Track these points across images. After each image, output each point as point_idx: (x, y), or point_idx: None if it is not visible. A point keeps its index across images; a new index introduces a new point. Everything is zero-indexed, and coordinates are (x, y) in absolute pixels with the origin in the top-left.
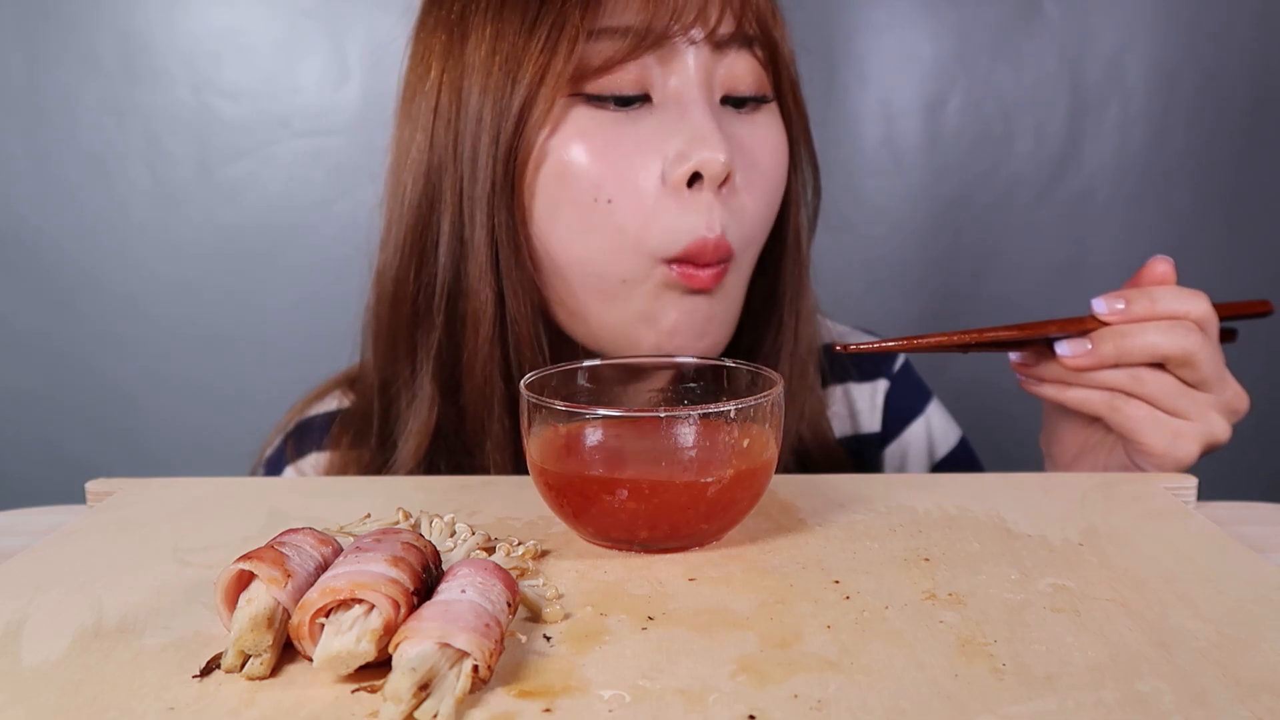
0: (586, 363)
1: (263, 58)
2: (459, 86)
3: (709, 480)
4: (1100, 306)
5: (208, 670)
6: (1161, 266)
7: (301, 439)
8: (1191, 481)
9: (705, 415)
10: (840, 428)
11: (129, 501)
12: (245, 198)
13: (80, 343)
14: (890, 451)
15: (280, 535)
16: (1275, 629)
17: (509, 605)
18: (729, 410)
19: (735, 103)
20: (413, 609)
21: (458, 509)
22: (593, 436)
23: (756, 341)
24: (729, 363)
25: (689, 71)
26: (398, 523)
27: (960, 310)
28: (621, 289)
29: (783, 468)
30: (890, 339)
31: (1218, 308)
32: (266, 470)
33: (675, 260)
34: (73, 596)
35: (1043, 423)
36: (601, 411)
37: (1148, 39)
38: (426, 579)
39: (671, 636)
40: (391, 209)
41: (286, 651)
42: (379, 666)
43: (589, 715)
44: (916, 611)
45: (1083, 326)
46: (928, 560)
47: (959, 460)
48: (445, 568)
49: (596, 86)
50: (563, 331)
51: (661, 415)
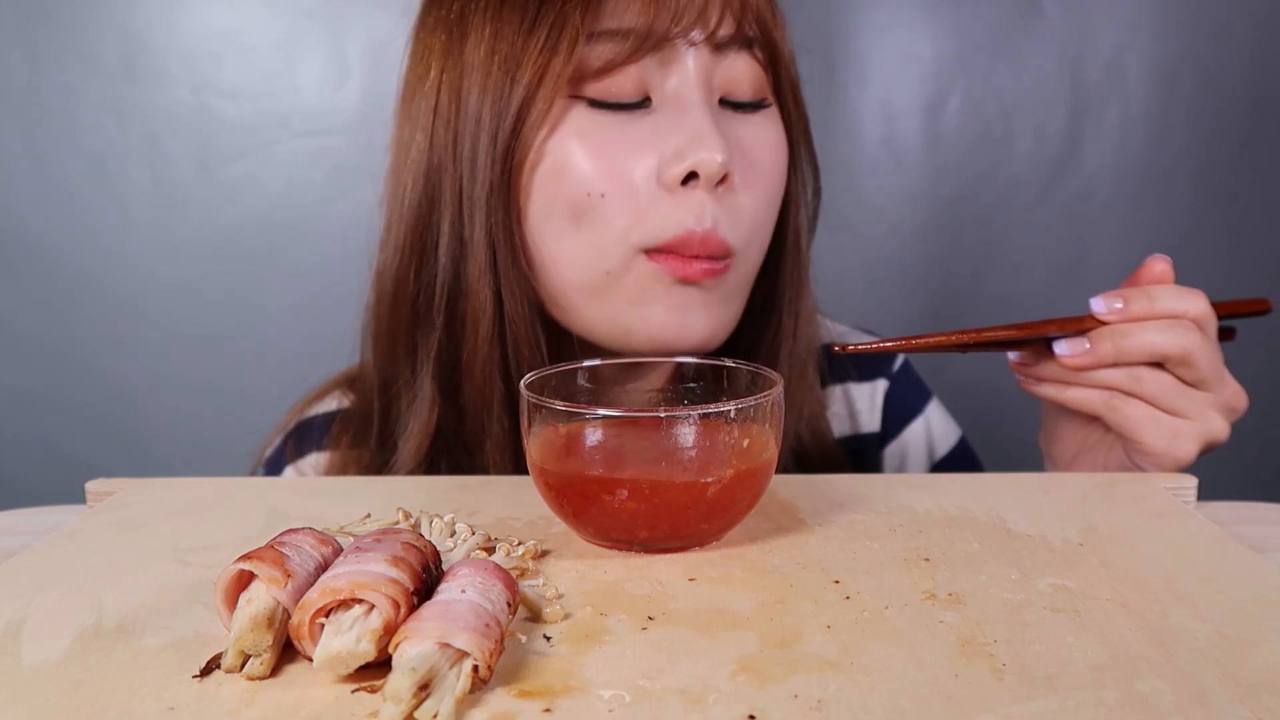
0: (586, 363)
1: (263, 58)
2: (458, 86)
3: (709, 480)
4: (1098, 306)
5: (208, 670)
6: (1159, 265)
7: (301, 439)
8: (1191, 481)
9: (705, 415)
10: (840, 427)
11: (129, 501)
12: (245, 198)
13: (80, 343)
14: (890, 451)
15: (280, 535)
16: (1275, 629)
17: (509, 605)
18: (729, 410)
19: (734, 104)
20: (413, 609)
21: (458, 509)
22: (593, 436)
23: (755, 341)
24: (729, 363)
25: (688, 73)
26: (398, 523)
27: (960, 310)
28: (605, 281)
29: (782, 468)
30: (888, 339)
31: (1216, 306)
32: (266, 470)
33: (657, 251)
34: (73, 596)
35: (1042, 422)
36: (601, 411)
37: (1148, 39)
38: (426, 579)
39: (671, 636)
40: (391, 209)
41: (286, 651)
42: (379, 666)
43: (589, 715)
44: (916, 611)
45: (1081, 326)
46: (928, 560)
47: (959, 460)
48: (445, 568)
49: (596, 90)
50: (562, 331)
51: (661, 415)
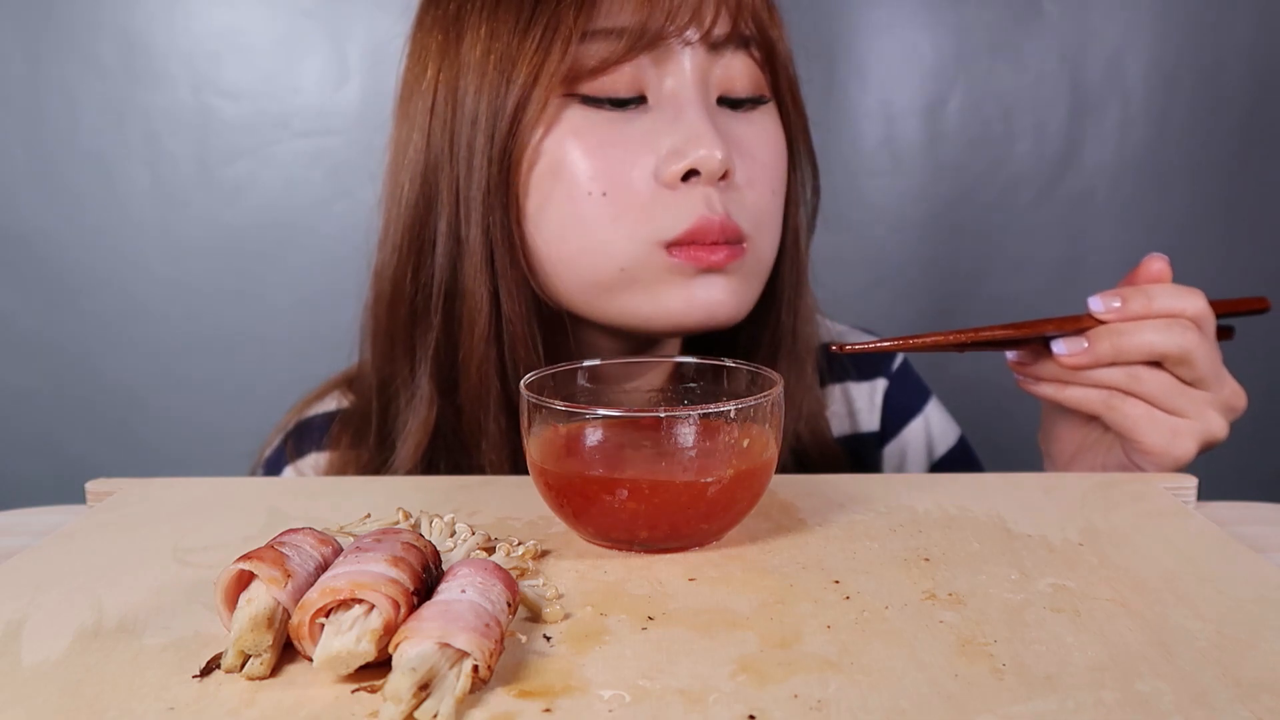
0: (586, 363)
1: (263, 58)
2: (455, 86)
3: (709, 480)
4: (1096, 305)
5: (208, 670)
6: (1157, 264)
7: (301, 439)
8: (1191, 481)
9: (705, 415)
10: (839, 427)
11: (129, 501)
12: (245, 198)
13: (80, 342)
14: (889, 450)
15: (280, 535)
16: (1275, 629)
17: (509, 605)
18: (729, 410)
19: (732, 103)
20: (413, 609)
21: (457, 509)
22: (593, 436)
23: (755, 341)
24: (729, 363)
25: (684, 73)
26: (398, 523)
27: (960, 310)
28: (620, 278)
29: (781, 467)
30: (886, 339)
31: (1215, 305)
32: (266, 470)
33: (676, 243)
34: (73, 596)
35: (1041, 421)
36: (601, 411)
37: (1148, 39)
38: (426, 579)
39: (671, 636)
40: (389, 209)
41: (286, 651)
42: (379, 666)
43: (589, 715)
44: (916, 611)
45: (1079, 325)
46: (928, 560)
47: (958, 459)
48: (445, 568)
49: (591, 88)
50: (559, 331)
51: (661, 415)
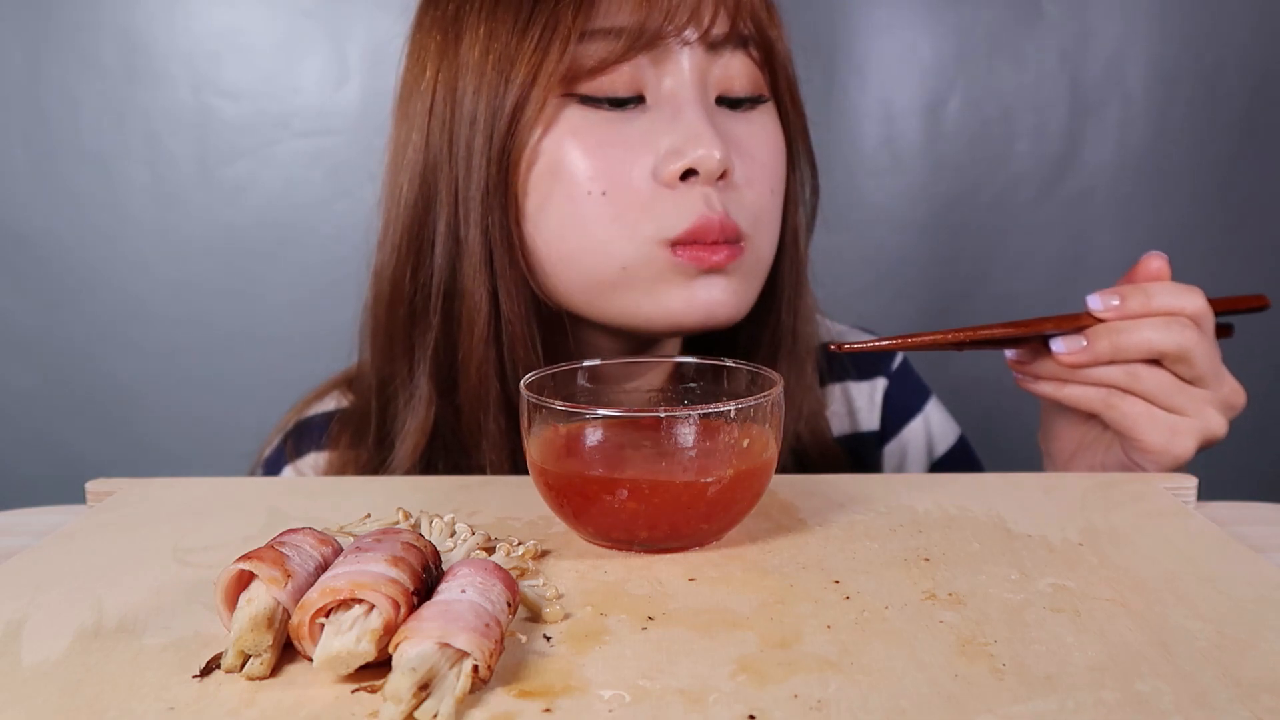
0: (586, 363)
1: (263, 58)
2: (454, 86)
3: (709, 480)
4: (1095, 303)
5: (208, 670)
6: (1156, 263)
7: (300, 439)
8: (1191, 481)
9: (705, 415)
10: (839, 426)
11: (129, 501)
12: (245, 197)
13: (80, 342)
14: (889, 450)
15: (280, 535)
16: (1275, 629)
17: (509, 605)
18: (729, 410)
19: (731, 103)
20: (413, 609)
21: (457, 509)
22: (593, 436)
23: (754, 341)
24: (729, 363)
25: (683, 72)
26: (398, 523)
27: (960, 310)
28: (621, 276)
29: (781, 467)
30: (884, 338)
31: (1214, 303)
32: (265, 470)
33: (679, 242)
34: (73, 596)
35: (1040, 420)
36: (601, 411)
37: (1148, 39)
38: (426, 579)
39: (671, 636)
40: (388, 209)
41: (286, 651)
42: (379, 666)
43: (589, 715)
44: (916, 611)
45: (1078, 323)
46: (928, 560)
47: (958, 458)
48: (445, 568)
49: (590, 88)
50: (558, 331)
51: (661, 415)
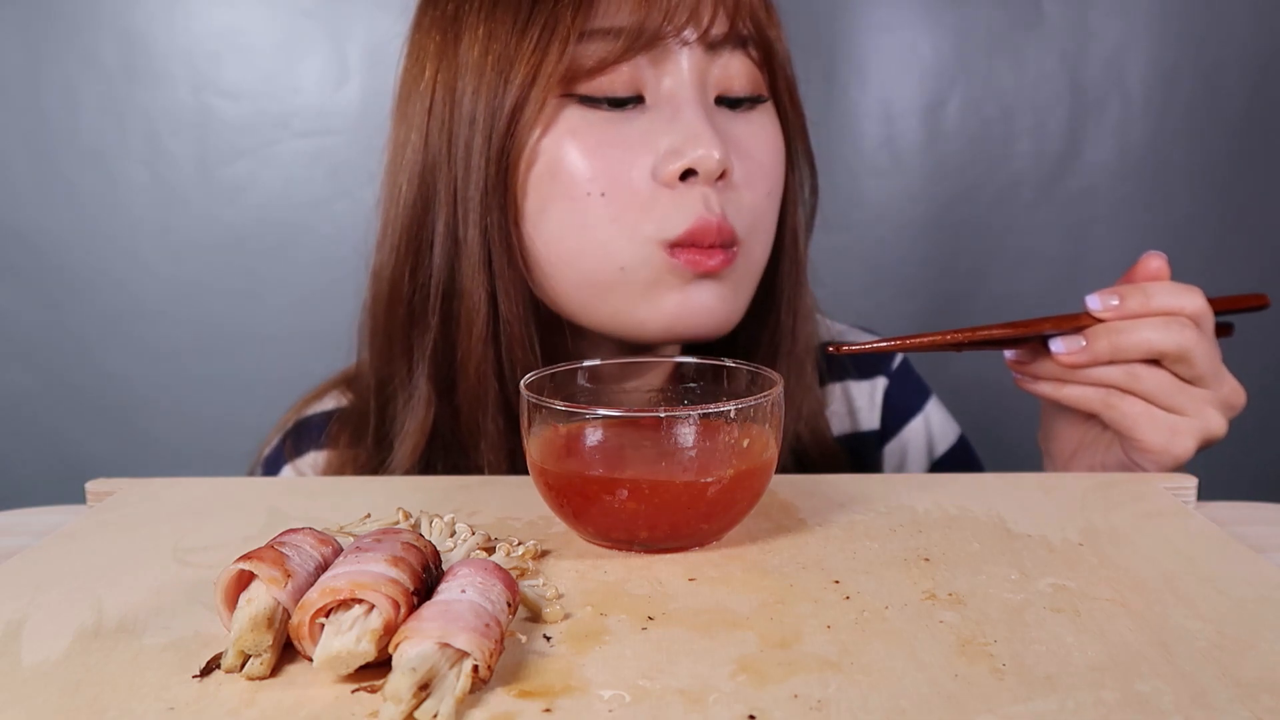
0: (586, 363)
1: (263, 58)
2: (453, 87)
3: (709, 480)
4: (1094, 303)
5: (208, 670)
6: (1155, 262)
7: (300, 438)
8: (1191, 481)
9: (705, 415)
10: (839, 426)
11: (129, 501)
12: (245, 197)
13: (81, 342)
14: (889, 449)
15: (280, 535)
16: (1275, 629)
17: (509, 605)
18: (729, 410)
19: (730, 103)
20: (413, 609)
21: (457, 509)
22: (593, 436)
23: (754, 341)
24: (729, 363)
25: (682, 73)
26: (398, 523)
27: (960, 309)
28: (619, 277)
29: (781, 467)
30: (883, 339)
31: (1213, 302)
32: (265, 470)
33: (678, 244)
34: (73, 596)
35: (1040, 420)
36: (601, 411)
37: (1148, 39)
38: (426, 579)
39: (671, 636)
40: (387, 209)
41: (286, 651)
42: (379, 666)
43: (589, 715)
44: (916, 611)
45: (1077, 323)
46: (928, 560)
47: (958, 458)
48: (445, 568)
49: (589, 88)
50: (557, 332)
51: (661, 415)
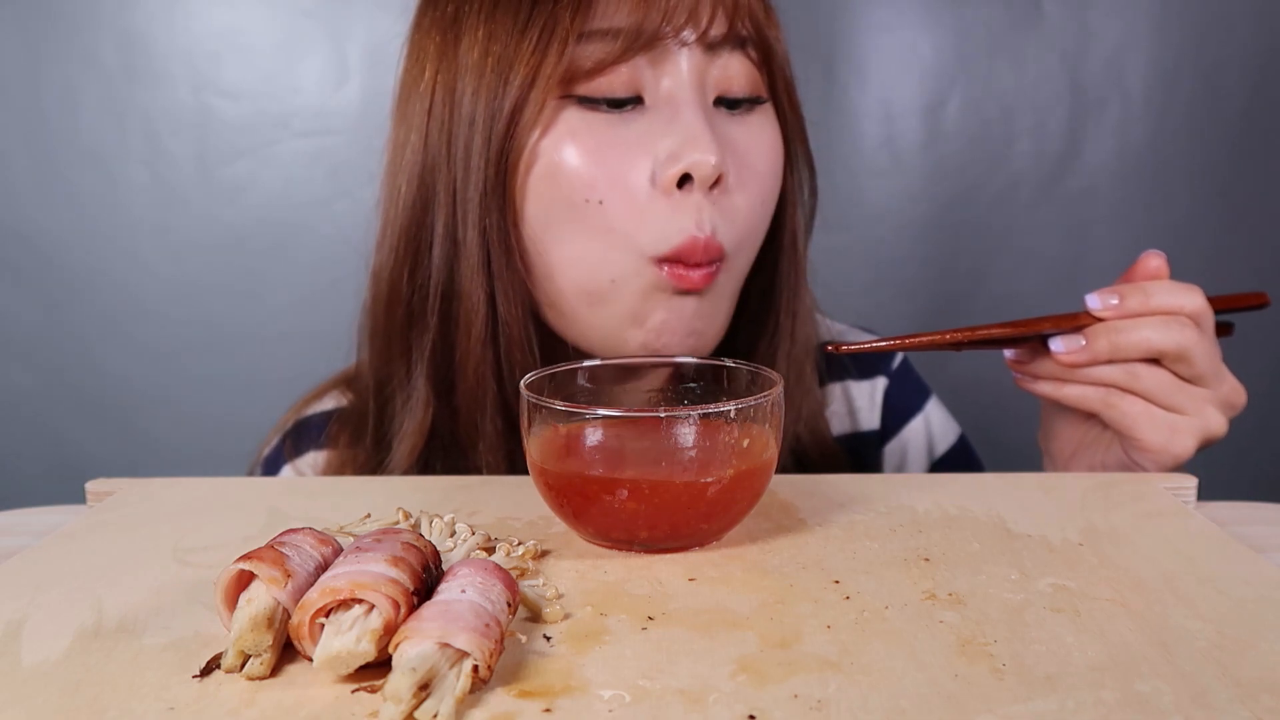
0: (586, 363)
1: (263, 58)
2: (452, 88)
3: (709, 480)
4: (1094, 302)
5: (208, 670)
6: (1154, 261)
7: (299, 438)
8: (1191, 481)
9: (705, 415)
10: (839, 425)
11: (129, 501)
12: (245, 197)
13: (80, 342)
14: (890, 449)
15: (280, 535)
16: (1275, 629)
17: (509, 605)
18: (729, 410)
19: (729, 104)
20: (413, 609)
21: (457, 509)
22: (593, 436)
23: (753, 342)
24: (729, 363)
25: (681, 73)
26: (398, 523)
27: (960, 309)
28: (610, 289)
29: (780, 468)
30: (882, 338)
31: (1213, 301)
32: (264, 469)
33: (666, 260)
34: (73, 596)
35: (1040, 420)
36: (601, 411)
37: (1148, 39)
38: (426, 579)
39: (671, 636)
40: (387, 210)
41: (286, 651)
42: (379, 666)
43: (589, 715)
44: (916, 611)
45: (1077, 323)
46: (928, 560)
47: (958, 457)
48: (445, 568)
49: (588, 89)
50: (554, 333)
51: (661, 415)
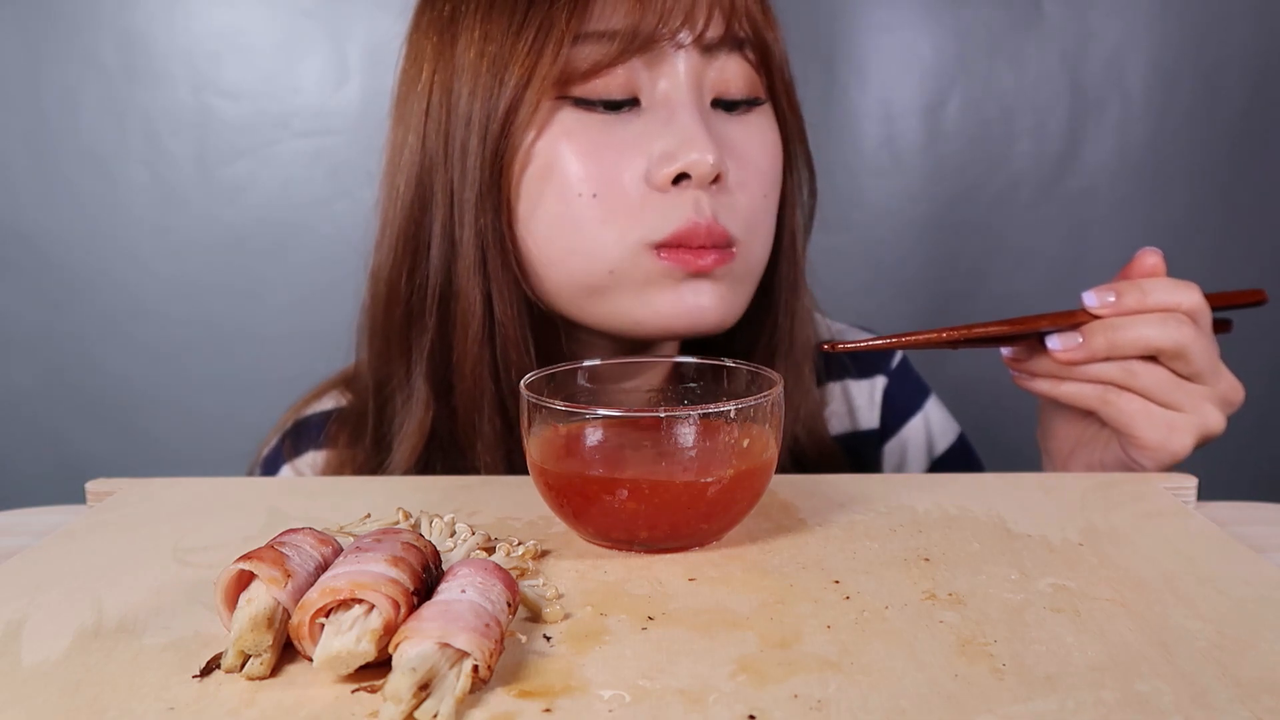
0: (586, 363)
1: (263, 58)
2: (449, 88)
3: (709, 480)
4: (1091, 299)
5: (208, 670)
6: (1151, 259)
7: (299, 437)
8: (1191, 481)
9: (705, 415)
10: (839, 425)
11: (129, 501)
12: (245, 197)
13: (80, 342)
14: (889, 448)
15: (280, 535)
16: (1275, 629)
17: (509, 605)
18: (729, 410)
19: (726, 105)
20: (413, 609)
21: (457, 509)
22: (593, 436)
23: (752, 343)
24: (729, 363)
25: (678, 75)
26: (398, 523)
27: (960, 309)
28: (609, 280)
29: (779, 468)
30: (878, 336)
31: (1211, 298)
32: (264, 469)
33: (664, 245)
34: (73, 596)
35: (1038, 418)
36: (601, 411)
37: (1148, 39)
38: (426, 579)
39: (671, 636)
40: (385, 210)
41: (286, 651)
42: (379, 666)
43: (589, 715)
44: (916, 611)
45: (1074, 320)
46: (928, 560)
47: (958, 456)
48: (445, 568)
49: (584, 90)
50: (552, 333)
51: (661, 415)
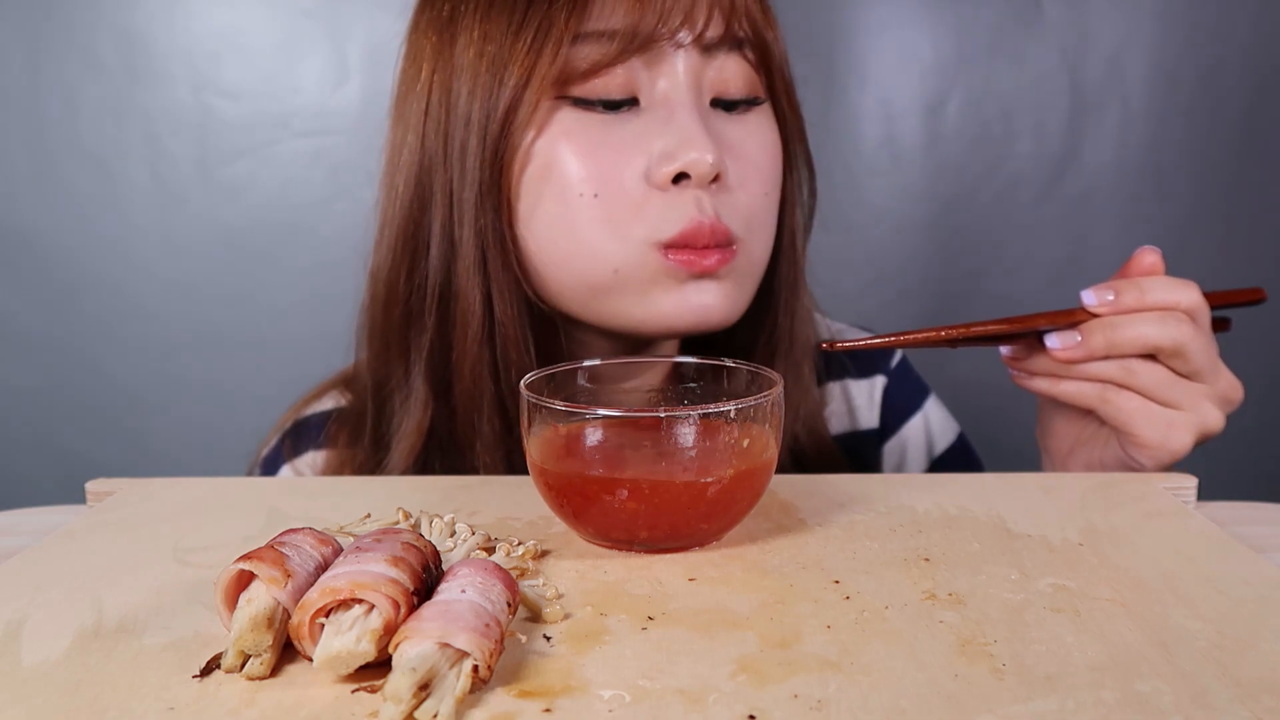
0: (586, 363)
1: (263, 58)
2: (449, 88)
3: (709, 480)
4: (1090, 298)
5: (208, 670)
6: (1150, 257)
7: (298, 437)
8: (1191, 481)
9: (705, 415)
10: (839, 424)
11: (129, 501)
12: (245, 197)
13: (80, 342)
14: (889, 448)
15: (280, 535)
16: (1275, 629)
17: (509, 605)
18: (729, 410)
19: (726, 105)
20: (413, 609)
21: (457, 509)
22: (593, 436)
23: (752, 343)
24: (729, 363)
25: (677, 75)
26: (398, 523)
27: (960, 309)
28: (613, 279)
29: (779, 468)
30: (877, 335)
31: (1210, 297)
32: (263, 469)
33: (671, 245)
34: (73, 596)
35: (1037, 417)
36: (601, 411)
37: (1148, 39)
38: (426, 579)
39: (671, 636)
40: (385, 210)
41: (286, 651)
42: (379, 666)
43: (589, 715)
44: (916, 611)
45: (1072, 319)
46: (928, 560)
47: (957, 456)
48: (445, 568)
49: (583, 90)
50: (552, 333)
51: (661, 415)
